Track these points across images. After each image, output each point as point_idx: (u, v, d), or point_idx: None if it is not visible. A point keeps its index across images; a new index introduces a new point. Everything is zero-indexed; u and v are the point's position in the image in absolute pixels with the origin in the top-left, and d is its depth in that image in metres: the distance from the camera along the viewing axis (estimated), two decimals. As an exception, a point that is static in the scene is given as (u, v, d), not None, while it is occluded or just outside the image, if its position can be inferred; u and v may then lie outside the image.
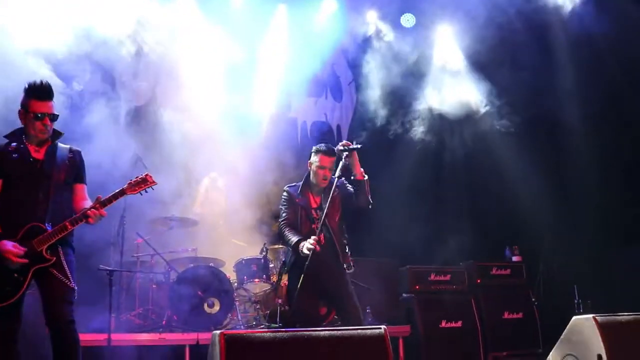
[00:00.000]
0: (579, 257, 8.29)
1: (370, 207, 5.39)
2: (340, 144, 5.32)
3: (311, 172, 5.45)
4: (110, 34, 7.56)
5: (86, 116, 7.11)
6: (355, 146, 5.24)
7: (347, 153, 5.23)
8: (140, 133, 7.82)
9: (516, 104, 9.15)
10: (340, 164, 5.30)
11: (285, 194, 5.54)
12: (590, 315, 4.23)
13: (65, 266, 4.20)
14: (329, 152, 5.36)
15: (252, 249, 7.90)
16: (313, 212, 5.38)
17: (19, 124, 4.39)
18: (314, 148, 5.49)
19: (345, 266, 5.31)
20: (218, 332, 3.17)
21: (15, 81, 4.54)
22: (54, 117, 4.34)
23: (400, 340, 7.11)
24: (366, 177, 5.33)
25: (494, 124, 9.23)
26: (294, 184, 5.58)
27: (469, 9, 9.25)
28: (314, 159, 5.40)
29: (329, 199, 5.15)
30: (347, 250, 5.37)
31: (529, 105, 9.10)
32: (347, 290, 5.28)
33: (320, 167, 5.35)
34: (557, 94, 8.96)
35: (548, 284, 8.53)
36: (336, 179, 5.32)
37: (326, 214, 5.15)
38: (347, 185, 5.45)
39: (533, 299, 7.95)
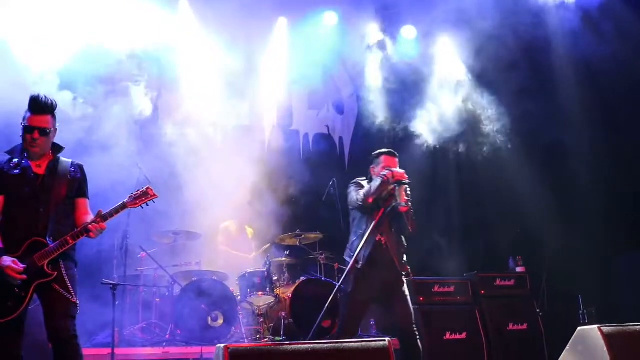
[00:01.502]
0: (582, 267, 8.26)
1: (411, 232, 5.51)
2: (392, 172, 5.37)
3: (374, 177, 5.53)
4: (112, 48, 7.60)
5: (87, 130, 7.13)
6: (407, 181, 5.37)
7: (396, 185, 5.33)
8: (142, 146, 7.82)
9: (519, 116, 9.16)
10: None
11: (353, 184, 5.65)
12: (595, 326, 4.20)
13: (67, 281, 4.18)
14: (393, 153, 5.63)
15: (255, 262, 7.91)
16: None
17: None
18: (374, 154, 5.70)
19: (403, 274, 5.44)
20: (222, 345, 3.16)
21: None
22: (44, 132, 4.27)
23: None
24: (410, 206, 5.40)
25: (496, 136, 9.25)
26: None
27: (469, 21, 9.29)
28: (377, 161, 5.59)
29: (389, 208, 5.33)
30: (404, 260, 5.50)
31: (532, 117, 9.11)
32: (404, 295, 5.37)
33: (385, 167, 5.47)
34: (560, 108, 8.97)
35: (552, 294, 8.49)
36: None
37: (385, 230, 5.35)
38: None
39: (537, 310, 7.90)
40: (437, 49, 10.15)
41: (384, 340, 3.56)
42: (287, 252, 8.10)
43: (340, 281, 5.26)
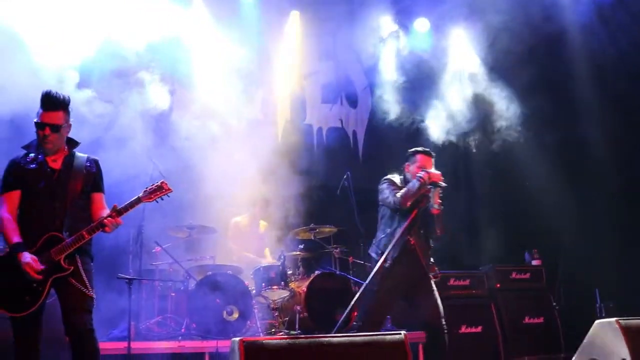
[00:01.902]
0: (599, 260, 8.19)
1: (439, 235, 5.52)
2: (429, 174, 5.34)
3: (409, 174, 5.56)
4: (126, 43, 7.62)
5: (103, 125, 7.15)
6: (443, 184, 5.34)
7: (432, 187, 5.31)
8: (157, 140, 7.85)
9: (533, 109, 9.09)
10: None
11: (387, 181, 5.62)
12: (614, 319, 4.17)
13: (84, 275, 4.21)
14: (429, 153, 5.60)
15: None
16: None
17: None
18: (409, 151, 5.67)
19: (431, 275, 5.46)
20: (237, 339, 3.16)
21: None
22: (55, 128, 4.28)
23: (420, 346, 7.04)
24: (441, 210, 5.39)
25: (510, 129, 9.18)
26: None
27: (483, 13, 9.23)
28: (413, 159, 5.56)
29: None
30: (431, 261, 5.51)
31: (546, 109, 9.05)
32: (432, 289, 5.39)
33: (420, 167, 5.46)
34: (574, 99, 8.89)
35: (569, 287, 8.43)
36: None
37: (415, 231, 5.37)
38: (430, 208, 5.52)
39: (554, 303, 7.86)
40: (451, 41, 10.10)
41: (400, 334, 3.55)
42: (302, 246, 8.09)
43: (368, 279, 5.15)
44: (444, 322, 5.30)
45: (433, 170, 5.41)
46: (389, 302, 5.47)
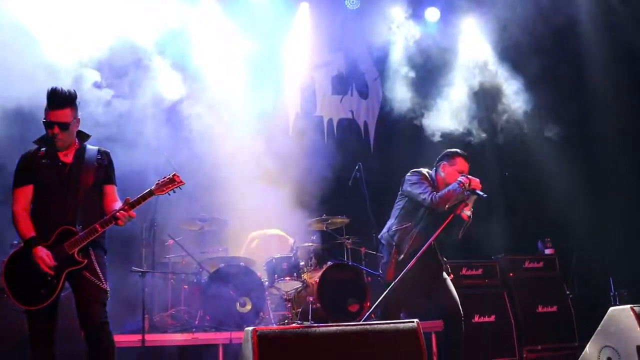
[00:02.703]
0: (613, 248, 8.15)
1: (458, 240, 5.57)
2: (470, 180, 5.27)
3: (442, 174, 5.51)
4: (137, 38, 7.64)
5: (114, 118, 7.18)
6: (482, 194, 5.25)
7: (469, 193, 5.25)
8: (169, 134, 7.87)
9: (545, 97, 9.05)
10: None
11: (420, 175, 5.56)
12: (628, 306, 4.15)
13: (97, 268, 4.23)
14: (468, 157, 5.53)
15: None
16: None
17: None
18: (449, 151, 5.59)
19: (445, 270, 5.52)
20: (250, 328, 3.18)
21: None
22: (64, 126, 4.27)
23: (433, 335, 7.04)
24: (470, 217, 5.37)
25: (523, 118, 9.14)
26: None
27: (493, 2, 9.18)
28: (451, 161, 5.48)
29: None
30: (445, 259, 5.58)
31: (561, 94, 9.00)
32: (449, 283, 5.46)
33: (459, 170, 5.42)
34: (588, 85, 8.82)
35: (582, 276, 8.39)
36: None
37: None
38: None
39: (567, 292, 7.83)
40: (462, 30, 10.05)
41: (413, 322, 3.55)
42: (314, 237, 8.09)
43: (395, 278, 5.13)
44: (462, 313, 5.36)
45: (473, 177, 5.32)
46: (405, 296, 5.43)
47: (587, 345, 4.50)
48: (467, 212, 5.32)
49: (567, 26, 9.03)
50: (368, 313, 5.30)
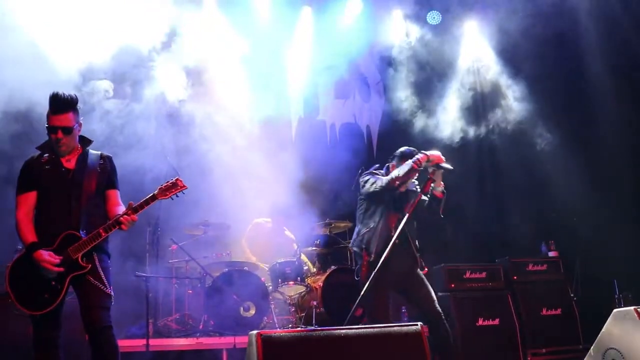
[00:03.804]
0: (617, 250, 8.12)
1: (441, 217, 5.50)
2: (427, 155, 5.27)
3: None
4: (139, 42, 7.66)
5: (118, 123, 7.20)
6: (448, 166, 5.26)
7: (434, 169, 5.24)
8: (172, 138, 7.89)
9: (549, 94, 9.04)
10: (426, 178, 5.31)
11: (370, 173, 5.61)
12: (632, 308, 4.15)
13: (101, 273, 4.24)
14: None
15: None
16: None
17: None
18: (399, 151, 5.62)
19: (420, 266, 5.45)
20: (254, 332, 3.18)
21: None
22: (67, 130, 4.29)
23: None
24: (445, 193, 5.39)
25: (526, 118, 9.14)
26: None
27: (496, 4, 9.19)
28: (401, 163, 5.44)
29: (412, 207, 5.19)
30: (419, 253, 5.48)
31: (562, 95, 9.00)
32: (425, 282, 5.38)
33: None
34: (591, 84, 8.80)
35: (586, 278, 8.36)
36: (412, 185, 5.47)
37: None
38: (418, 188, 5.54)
39: (571, 295, 7.81)
40: (463, 34, 10.07)
41: (417, 325, 3.56)
42: (318, 242, 8.10)
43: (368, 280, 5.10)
44: (440, 310, 5.26)
45: (432, 151, 5.32)
46: (387, 295, 5.35)
47: (592, 347, 4.49)
48: (439, 189, 5.34)
49: (567, 29, 9.03)
50: (349, 317, 5.21)
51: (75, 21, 7.16)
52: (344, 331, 3.39)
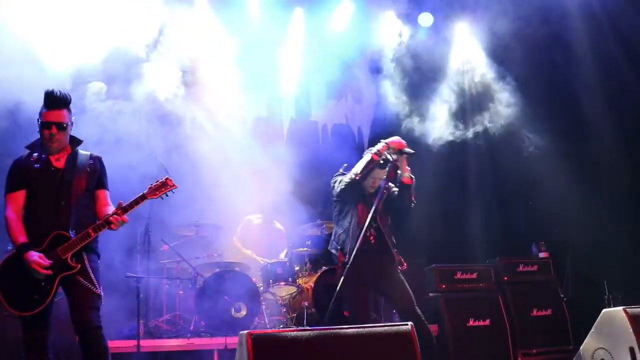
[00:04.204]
0: (607, 251, 8.17)
1: (413, 205, 5.44)
2: (387, 143, 5.29)
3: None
4: (130, 43, 7.65)
5: (108, 123, 7.18)
6: (409, 151, 5.26)
7: (396, 156, 5.24)
8: (163, 137, 7.87)
9: (539, 96, 9.08)
10: (389, 166, 5.30)
11: (339, 174, 5.57)
12: (621, 308, 4.17)
13: (91, 273, 4.23)
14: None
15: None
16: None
17: None
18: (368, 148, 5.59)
19: (397, 263, 5.36)
20: (245, 332, 3.18)
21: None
22: (61, 126, 4.31)
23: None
24: (413, 178, 5.36)
25: (517, 119, 9.17)
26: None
27: (487, 6, 9.22)
28: None
29: (379, 200, 5.20)
30: (395, 250, 5.40)
31: (553, 96, 9.04)
32: (402, 281, 5.31)
33: (372, 177, 5.38)
34: (584, 85, 8.84)
35: (577, 279, 8.40)
36: (384, 182, 5.40)
37: (377, 214, 5.24)
38: (392, 187, 5.51)
39: (562, 295, 7.84)
40: (455, 35, 10.10)
41: (407, 325, 3.56)
42: (309, 242, 8.10)
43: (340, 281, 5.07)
44: (418, 310, 5.20)
45: (392, 138, 5.34)
46: (366, 293, 5.32)
47: (581, 347, 4.51)
48: (405, 175, 5.32)
49: (558, 30, 9.06)
50: (327, 315, 5.16)
51: (66, 22, 7.15)
52: (334, 331, 3.40)
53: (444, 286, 7.57)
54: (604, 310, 4.34)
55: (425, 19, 10.08)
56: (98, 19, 7.43)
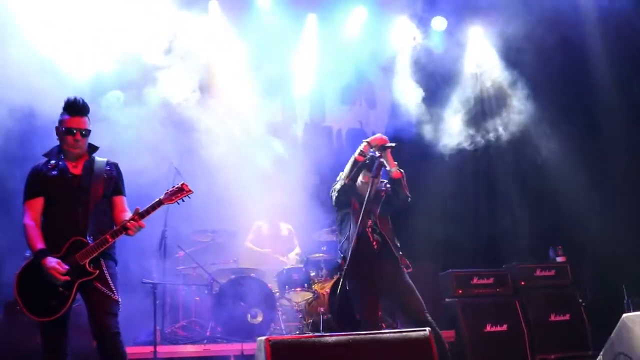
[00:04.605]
0: (626, 255, 8.08)
1: (409, 200, 5.33)
2: (368, 142, 5.26)
3: (360, 181, 5.41)
4: (146, 50, 7.71)
5: (123, 129, 7.22)
6: (391, 144, 5.20)
7: (380, 152, 5.18)
8: (178, 143, 7.91)
9: (556, 99, 9.02)
10: (376, 163, 5.18)
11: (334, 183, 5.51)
12: (640, 312, 4.13)
13: (109, 279, 4.25)
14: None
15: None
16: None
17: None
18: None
19: (403, 266, 5.24)
20: (263, 338, 3.18)
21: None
22: (85, 132, 4.41)
23: (446, 346, 7.01)
24: (402, 172, 5.29)
25: (533, 123, 9.12)
26: None
27: (501, 9, 9.19)
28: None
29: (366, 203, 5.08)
30: (400, 252, 5.29)
31: (569, 99, 8.98)
32: (410, 287, 5.17)
33: (363, 182, 5.33)
34: (599, 87, 8.78)
35: (595, 284, 8.32)
36: (380, 183, 5.36)
37: (377, 219, 5.21)
38: (384, 183, 5.45)
39: (580, 300, 7.77)
40: (468, 39, 10.07)
41: (425, 330, 3.55)
42: (324, 248, 8.09)
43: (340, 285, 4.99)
44: (429, 317, 5.05)
45: (373, 136, 5.29)
46: (373, 299, 5.16)
47: (601, 353, 4.47)
48: (393, 169, 5.25)
49: (573, 33, 9.01)
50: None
51: (82, 30, 7.23)
52: (352, 337, 3.39)
53: (460, 291, 7.54)
54: (624, 316, 4.30)
55: (439, 22, 10.06)
56: (113, 27, 7.50)
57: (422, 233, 8.66)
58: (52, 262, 4.08)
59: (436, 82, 9.83)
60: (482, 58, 10.07)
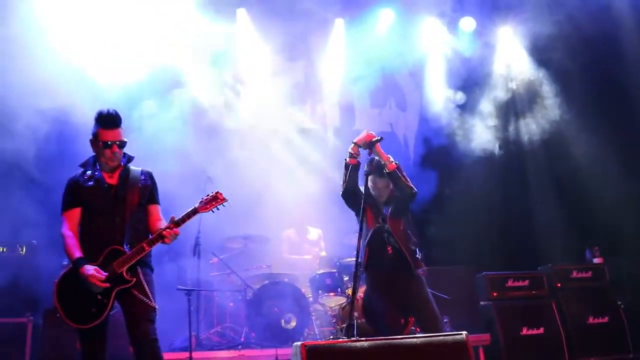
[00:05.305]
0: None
1: (414, 192, 5.20)
2: (360, 137, 5.25)
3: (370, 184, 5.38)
4: (177, 60, 7.80)
5: (158, 138, 7.31)
6: (377, 138, 5.15)
7: (369, 149, 5.14)
8: (211, 151, 7.97)
9: (588, 97, 8.90)
10: (371, 161, 5.21)
11: None
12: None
13: (146, 286, 4.29)
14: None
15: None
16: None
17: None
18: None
19: (419, 272, 5.14)
20: (299, 343, 3.18)
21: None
22: (122, 144, 4.44)
23: (481, 350, 6.96)
24: (397, 163, 5.20)
25: (566, 123, 9.01)
26: None
27: (531, 9, 9.11)
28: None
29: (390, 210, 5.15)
30: (417, 256, 5.18)
31: (602, 99, 8.85)
32: (424, 297, 5.11)
33: (376, 188, 5.34)
34: (630, 84, 8.64)
35: (634, 284, 8.16)
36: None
37: (390, 221, 5.18)
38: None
39: (618, 302, 7.62)
40: (498, 40, 10.00)
41: (461, 334, 3.52)
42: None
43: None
44: (441, 326, 4.98)
45: (359, 136, 5.26)
46: (390, 306, 5.13)
47: (643, 356, 4.38)
48: (387, 162, 5.16)
49: (604, 31, 8.89)
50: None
51: (114, 43, 7.34)
52: (389, 341, 3.37)
53: (495, 294, 7.45)
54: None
55: (467, 23, 10.00)
56: (143, 36, 7.61)
57: (455, 237, 8.59)
58: (90, 269, 4.14)
59: (467, 83, 9.76)
60: (512, 58, 9.98)
